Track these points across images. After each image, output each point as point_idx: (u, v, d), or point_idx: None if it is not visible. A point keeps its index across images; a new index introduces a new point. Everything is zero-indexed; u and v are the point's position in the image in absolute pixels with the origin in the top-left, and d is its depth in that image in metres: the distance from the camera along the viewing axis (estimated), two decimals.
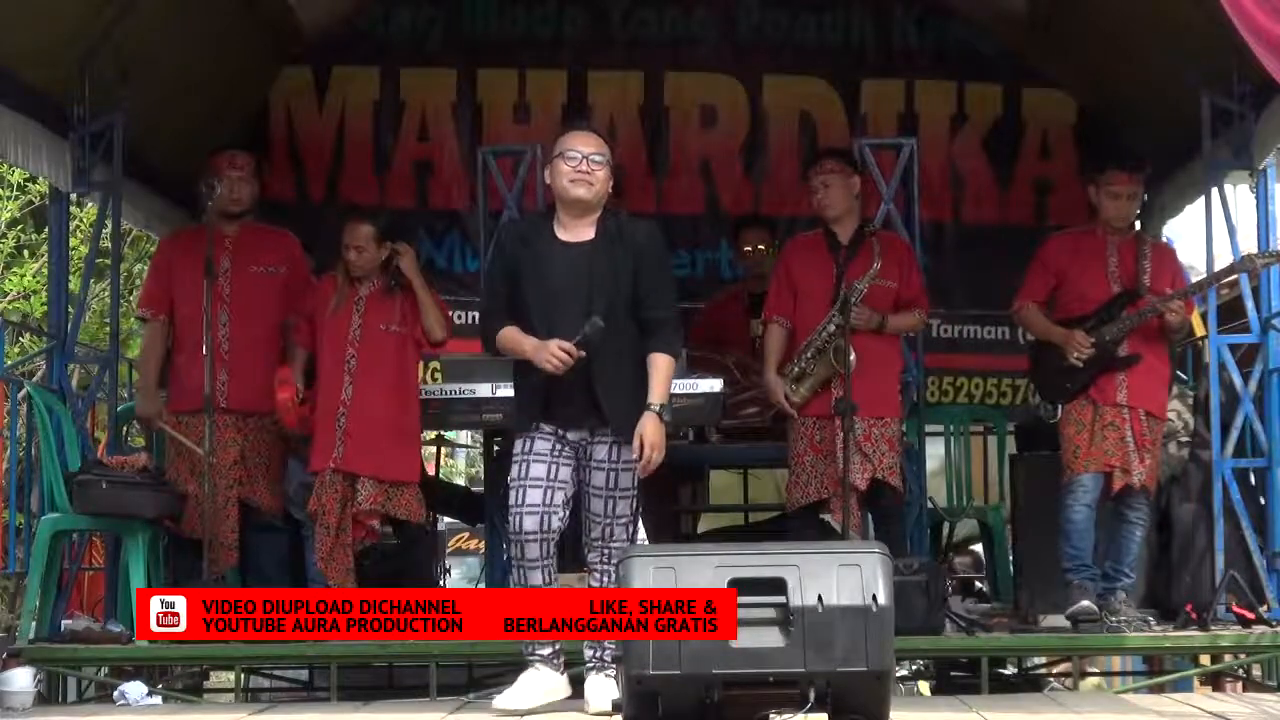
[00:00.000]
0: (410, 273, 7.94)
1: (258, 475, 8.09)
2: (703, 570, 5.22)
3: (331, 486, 7.78)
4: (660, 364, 6.36)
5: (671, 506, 9.79)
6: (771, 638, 5.18)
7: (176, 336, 8.19)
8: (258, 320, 8.11)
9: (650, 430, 6.28)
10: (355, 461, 7.79)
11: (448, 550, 13.46)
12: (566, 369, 6.26)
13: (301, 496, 7.96)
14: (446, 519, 11.69)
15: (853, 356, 7.63)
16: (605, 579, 6.31)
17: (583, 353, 6.24)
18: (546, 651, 6.43)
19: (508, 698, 6.41)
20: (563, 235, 6.46)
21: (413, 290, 7.95)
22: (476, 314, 9.59)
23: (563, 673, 6.47)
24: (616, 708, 5.83)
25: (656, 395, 6.32)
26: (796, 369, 7.90)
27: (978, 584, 10.67)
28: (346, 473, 7.80)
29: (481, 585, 9.71)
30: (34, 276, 14.16)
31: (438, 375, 9.37)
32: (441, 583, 10.42)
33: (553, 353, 6.25)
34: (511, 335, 6.43)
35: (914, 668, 9.67)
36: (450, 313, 8.41)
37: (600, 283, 6.36)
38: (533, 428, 6.41)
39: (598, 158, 6.41)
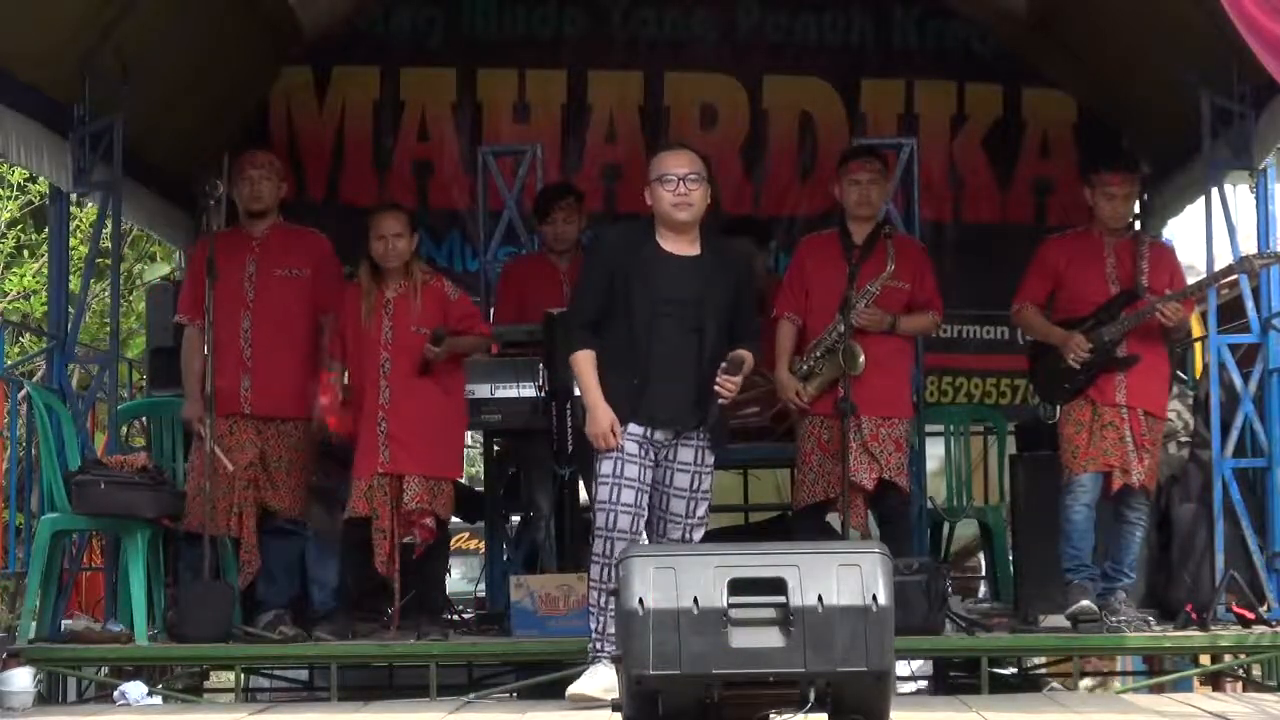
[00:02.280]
0: (445, 353, 7.83)
1: (277, 479, 7.98)
2: (703, 570, 5.22)
3: (381, 490, 7.74)
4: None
5: None
6: (771, 638, 5.17)
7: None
8: (281, 324, 8.00)
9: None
10: (401, 463, 7.76)
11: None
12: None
13: (318, 501, 7.95)
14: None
15: (863, 358, 7.63)
16: None
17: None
18: (615, 649, 6.57)
19: (577, 686, 6.63)
20: (668, 247, 6.69)
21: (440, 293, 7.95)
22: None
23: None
24: (616, 707, 5.83)
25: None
26: (805, 367, 7.88)
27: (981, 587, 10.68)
28: (394, 475, 7.77)
29: (482, 585, 9.68)
30: (34, 276, 14.16)
31: None
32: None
33: (607, 433, 6.53)
34: (584, 369, 6.64)
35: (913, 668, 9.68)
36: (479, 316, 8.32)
37: (711, 296, 6.63)
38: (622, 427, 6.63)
39: (693, 177, 6.63)
